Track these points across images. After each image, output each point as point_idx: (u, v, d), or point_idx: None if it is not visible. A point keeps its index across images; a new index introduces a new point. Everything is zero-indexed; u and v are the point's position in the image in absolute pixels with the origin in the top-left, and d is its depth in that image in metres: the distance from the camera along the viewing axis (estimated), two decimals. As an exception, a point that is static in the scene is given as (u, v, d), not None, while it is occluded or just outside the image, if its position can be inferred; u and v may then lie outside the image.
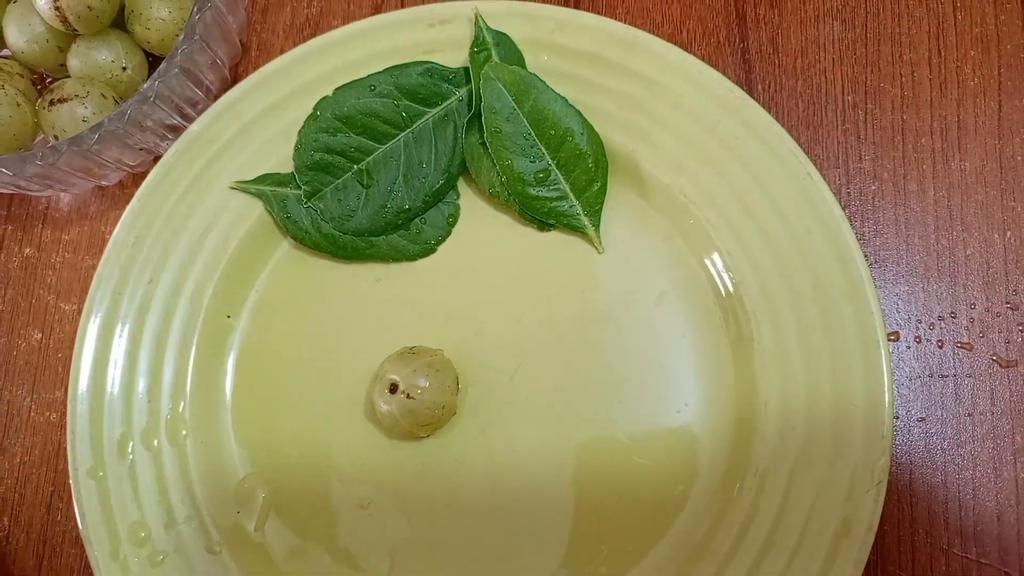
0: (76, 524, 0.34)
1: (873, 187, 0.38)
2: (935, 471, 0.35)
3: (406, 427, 0.33)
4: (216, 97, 0.37)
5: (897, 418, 0.35)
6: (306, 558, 0.35)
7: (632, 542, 0.34)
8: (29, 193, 0.38)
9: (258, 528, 0.35)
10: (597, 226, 0.36)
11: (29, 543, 0.38)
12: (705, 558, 0.32)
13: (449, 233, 0.37)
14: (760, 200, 0.34)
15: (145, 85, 0.34)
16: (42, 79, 0.41)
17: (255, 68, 0.37)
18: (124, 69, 0.38)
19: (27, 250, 0.41)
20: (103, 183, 0.39)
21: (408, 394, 0.32)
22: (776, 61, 0.39)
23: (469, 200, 0.38)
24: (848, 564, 0.30)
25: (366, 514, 0.35)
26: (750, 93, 0.39)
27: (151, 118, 0.35)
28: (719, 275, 0.35)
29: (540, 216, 0.36)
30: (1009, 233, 0.36)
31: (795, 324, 0.33)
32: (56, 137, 0.37)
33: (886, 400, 0.31)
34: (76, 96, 0.36)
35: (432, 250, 0.37)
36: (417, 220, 0.37)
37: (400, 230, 0.37)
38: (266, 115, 0.37)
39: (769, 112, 0.38)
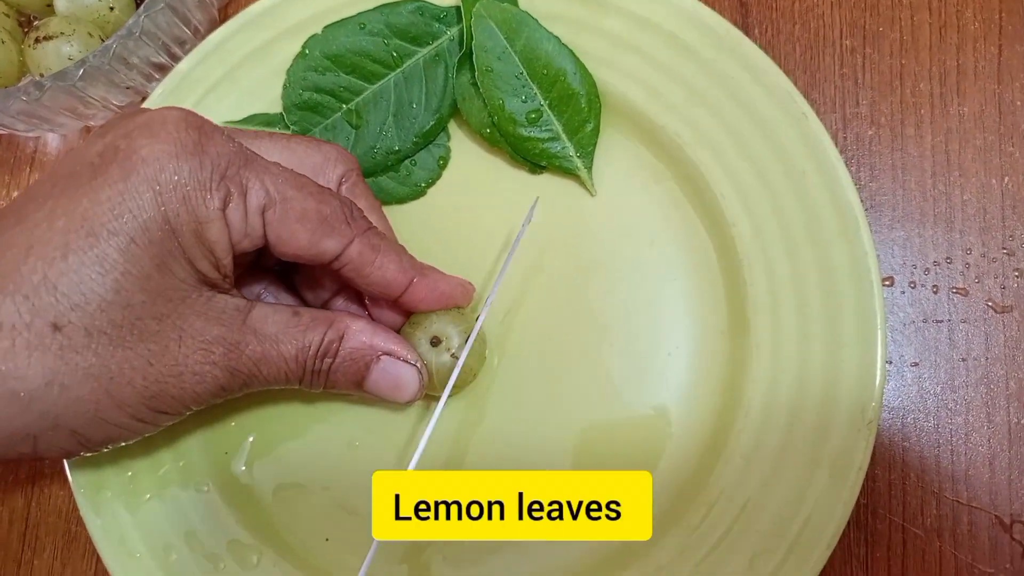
0: (63, 464, 0.34)
1: (870, 132, 0.37)
2: (927, 416, 0.34)
3: (434, 383, 0.32)
4: (204, 37, 0.37)
5: (890, 363, 0.35)
6: (295, 497, 0.35)
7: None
8: (16, 133, 0.37)
9: (247, 467, 0.35)
10: (590, 168, 0.36)
11: (17, 484, 0.38)
12: (699, 497, 0.32)
13: (439, 176, 0.37)
14: (755, 141, 0.34)
15: (131, 21, 0.34)
16: (29, 21, 0.40)
17: (244, 7, 0.37)
18: (111, 9, 0.38)
19: (15, 193, 0.40)
20: (90, 123, 0.38)
21: (452, 353, 0.32)
22: (773, 4, 0.39)
23: (460, 143, 0.37)
24: (838, 503, 0.30)
25: (354, 454, 0.35)
26: (747, 36, 0.38)
27: (137, 55, 0.34)
28: (713, 218, 0.35)
29: (532, 158, 0.36)
30: (1007, 179, 0.36)
31: (789, 266, 0.33)
32: (42, 76, 0.36)
33: (878, 340, 0.31)
34: (62, 34, 0.36)
35: (422, 193, 0.37)
36: (407, 162, 0.37)
37: (390, 172, 0.36)
38: (255, 55, 0.36)
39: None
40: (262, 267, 0.33)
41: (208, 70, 0.36)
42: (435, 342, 0.32)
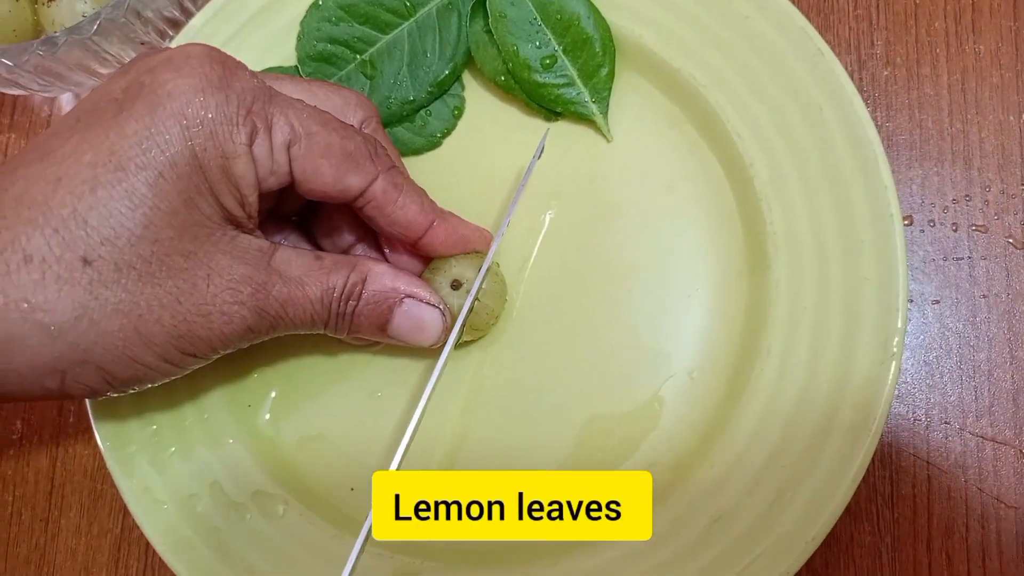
0: (88, 424, 0.34)
1: (886, 72, 0.37)
2: (950, 353, 0.34)
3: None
4: (217, -8, 0.37)
5: (912, 301, 0.35)
6: (318, 448, 0.35)
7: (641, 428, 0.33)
8: (32, 92, 0.37)
9: (271, 419, 0.35)
10: (605, 113, 0.36)
11: (42, 445, 0.38)
12: (722, 438, 0.32)
13: (455, 126, 0.37)
14: (770, 80, 0.33)
15: (144, -27, 0.34)
16: (41, -16, 0.40)
17: (256, -38, 0.37)
18: (123, -32, 0.38)
19: (31, 158, 0.41)
20: (105, 83, 0.38)
21: (477, 296, 0.31)
22: (786, -52, 0.38)
23: (474, 93, 0.37)
24: (865, 437, 0.30)
25: (377, 405, 0.35)
26: (759, -20, 0.38)
27: (151, 8, 0.35)
28: (730, 159, 0.34)
29: (547, 104, 0.36)
30: (1025, 115, 0.36)
31: (807, 205, 0.33)
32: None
33: (900, 272, 0.31)
34: (75, -9, 0.36)
35: (438, 143, 0.37)
36: (422, 113, 0.36)
37: (405, 122, 0.36)
38: (268, 8, 0.36)
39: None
40: (282, 216, 0.33)
41: (220, 24, 0.36)
42: (455, 285, 0.32)
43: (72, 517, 0.38)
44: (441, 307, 0.31)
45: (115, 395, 0.28)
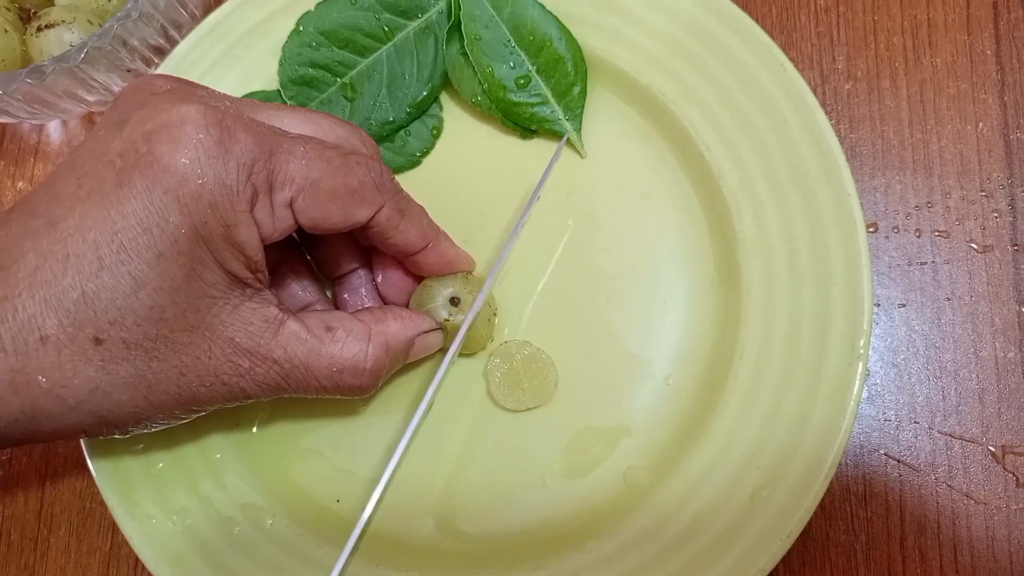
0: (77, 443, 0.35)
1: (848, 86, 0.38)
2: (917, 354, 0.36)
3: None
4: (200, 19, 0.38)
5: (878, 305, 0.36)
6: (305, 460, 0.35)
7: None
8: (20, 120, 0.38)
9: (258, 432, 0.36)
10: (579, 130, 0.37)
11: (31, 465, 0.39)
12: (699, 444, 0.33)
13: (433, 145, 0.38)
14: (737, 93, 0.35)
15: (130, 3, 0.35)
16: (29, 16, 0.42)
17: (238, -9, 0.38)
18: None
19: (20, 184, 0.41)
20: (93, 110, 0.39)
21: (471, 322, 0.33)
22: (749, -31, 0.40)
23: (452, 113, 0.38)
24: (837, 434, 0.31)
25: (363, 416, 0.36)
26: (724, 1, 0.40)
27: (136, 36, 0.36)
28: (700, 171, 0.36)
29: (522, 123, 0.37)
30: (981, 124, 0.37)
31: (775, 212, 0.34)
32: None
33: (864, 276, 0.32)
34: (63, 21, 0.37)
35: (417, 162, 0.38)
36: (402, 133, 0.38)
37: (385, 142, 0.38)
38: (251, 34, 0.38)
39: (743, 17, 0.39)
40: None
41: (206, 51, 0.37)
42: (455, 302, 0.33)
43: (62, 536, 0.38)
44: (439, 325, 0.33)
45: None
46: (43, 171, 0.42)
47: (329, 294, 0.35)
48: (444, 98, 0.39)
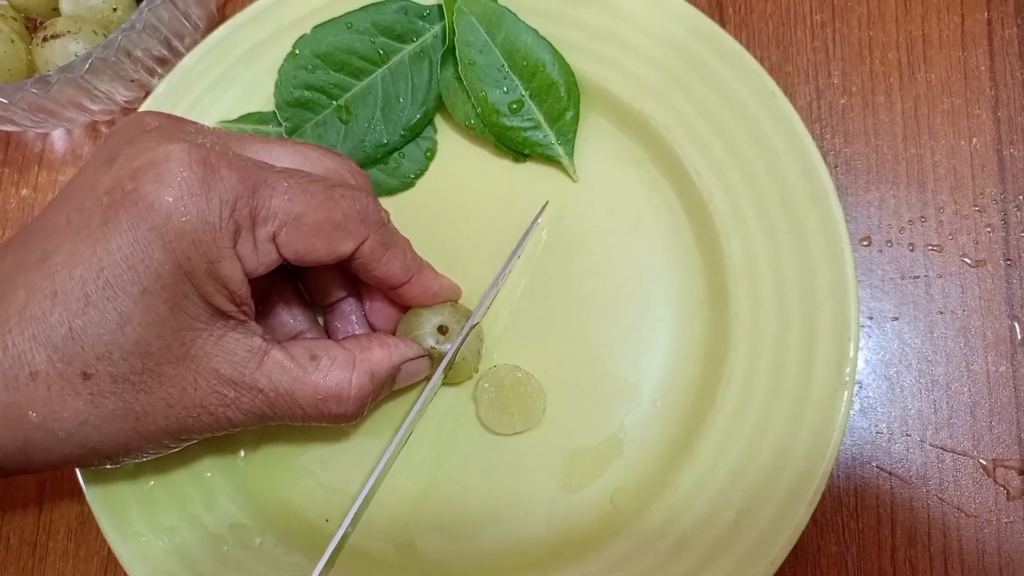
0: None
1: (843, 101, 0.39)
2: (909, 367, 0.36)
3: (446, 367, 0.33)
4: (204, 32, 0.38)
5: (871, 318, 0.36)
6: (294, 480, 0.36)
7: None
8: (25, 128, 0.39)
9: (247, 453, 0.36)
10: (571, 155, 0.37)
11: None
12: (685, 463, 0.33)
13: (427, 167, 0.38)
14: (727, 120, 0.35)
15: (134, 14, 0.36)
16: (35, 25, 0.42)
17: (243, 6, 0.39)
18: (115, 10, 0.40)
19: (24, 191, 0.42)
20: (97, 119, 0.40)
21: (457, 351, 0.33)
22: (746, -15, 0.40)
23: (446, 135, 0.39)
24: (821, 462, 0.31)
25: (351, 437, 0.36)
26: (721, 15, 0.40)
27: (140, 47, 0.36)
28: (690, 196, 0.36)
29: (515, 147, 0.37)
30: (975, 139, 0.38)
31: (764, 238, 0.34)
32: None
33: (851, 303, 0.32)
34: (68, 32, 0.38)
35: (411, 184, 0.38)
36: (396, 155, 0.38)
37: (379, 164, 0.38)
38: (250, 54, 0.38)
39: (740, 33, 0.39)
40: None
41: (208, 67, 0.38)
42: (443, 330, 0.33)
43: (60, 540, 0.38)
44: (426, 353, 0.33)
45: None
46: (47, 179, 0.42)
47: (322, 321, 0.35)
48: (438, 120, 0.39)
